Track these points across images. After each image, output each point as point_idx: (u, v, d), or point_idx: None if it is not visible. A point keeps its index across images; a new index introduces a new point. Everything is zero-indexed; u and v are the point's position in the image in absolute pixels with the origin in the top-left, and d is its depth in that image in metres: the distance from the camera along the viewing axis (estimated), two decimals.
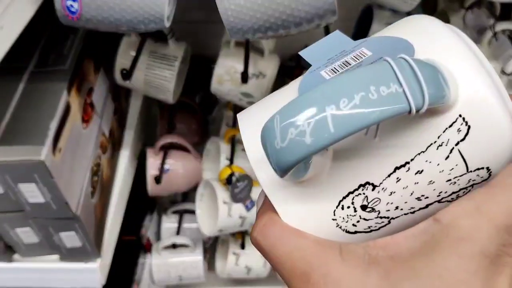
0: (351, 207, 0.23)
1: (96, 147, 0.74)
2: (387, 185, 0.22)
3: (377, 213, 0.23)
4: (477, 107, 0.21)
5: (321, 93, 0.20)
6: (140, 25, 0.54)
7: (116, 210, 0.80)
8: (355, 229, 0.23)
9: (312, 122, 0.19)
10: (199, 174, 0.91)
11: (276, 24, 0.50)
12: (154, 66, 0.74)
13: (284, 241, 0.22)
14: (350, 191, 0.23)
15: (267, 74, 0.72)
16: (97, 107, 0.75)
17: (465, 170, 0.22)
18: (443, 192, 0.23)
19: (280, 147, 0.20)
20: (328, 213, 0.23)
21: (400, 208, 0.23)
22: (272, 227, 0.22)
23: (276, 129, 0.20)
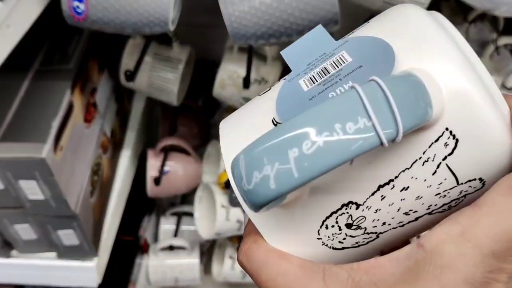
0: (336, 226, 0.22)
1: (97, 147, 0.74)
2: (371, 203, 0.22)
3: (363, 230, 0.22)
4: (465, 117, 0.20)
5: (283, 135, 0.19)
6: (145, 28, 0.55)
7: (115, 210, 0.81)
8: (342, 245, 0.23)
9: (274, 168, 0.18)
10: (198, 176, 0.91)
11: (279, 31, 0.51)
12: (158, 68, 0.75)
13: (269, 265, 0.22)
14: (333, 211, 0.22)
15: (269, 80, 0.73)
16: (100, 107, 0.76)
17: (455, 183, 0.21)
18: (433, 205, 0.22)
19: (247, 189, 0.19)
20: (313, 233, 0.22)
21: (388, 223, 0.22)
22: (256, 251, 0.22)
23: (242, 171, 0.19)
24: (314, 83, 0.22)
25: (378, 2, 0.57)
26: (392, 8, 0.25)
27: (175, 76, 0.74)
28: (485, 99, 0.20)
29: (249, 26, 0.50)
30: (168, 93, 0.76)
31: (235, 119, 0.26)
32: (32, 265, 0.73)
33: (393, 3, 0.57)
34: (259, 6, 0.48)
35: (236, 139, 0.23)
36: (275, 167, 0.18)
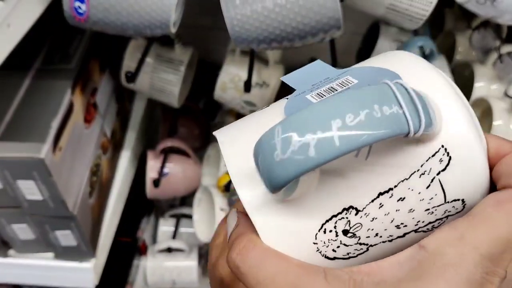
0: (333, 231, 0.22)
1: (97, 148, 0.74)
2: (370, 210, 0.22)
3: (357, 239, 0.23)
4: (458, 141, 0.22)
5: (327, 107, 0.19)
6: (146, 30, 0.55)
7: (114, 211, 0.80)
8: (334, 255, 0.23)
9: (317, 135, 0.19)
10: (198, 179, 0.91)
11: (281, 36, 0.51)
12: (159, 70, 0.74)
13: (267, 264, 0.21)
14: (334, 215, 0.22)
15: (270, 84, 0.72)
16: (100, 107, 0.75)
17: (443, 200, 0.23)
18: (421, 221, 0.23)
19: (280, 159, 0.19)
20: (310, 237, 0.22)
21: (380, 235, 0.23)
22: (252, 250, 0.22)
23: (277, 140, 0.19)
24: (322, 97, 0.23)
25: (381, 8, 0.56)
26: (390, 52, 0.26)
27: (177, 78, 0.74)
28: (475, 134, 0.23)
29: (251, 30, 0.50)
30: (169, 94, 0.75)
31: (235, 129, 0.25)
32: (29, 265, 0.73)
33: (397, 10, 0.56)
34: (262, 11, 0.48)
35: (241, 147, 0.23)
36: (316, 135, 0.19)
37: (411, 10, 0.54)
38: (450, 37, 0.83)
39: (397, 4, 0.55)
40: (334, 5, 0.48)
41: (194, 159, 0.90)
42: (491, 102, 0.65)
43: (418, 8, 0.55)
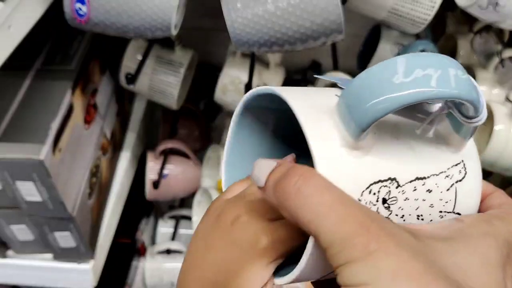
0: (376, 194, 0.23)
1: (97, 149, 0.74)
2: (406, 189, 0.23)
3: (389, 213, 0.23)
4: (473, 162, 0.25)
5: (437, 58, 0.21)
6: (147, 32, 0.54)
7: (113, 212, 0.80)
8: None
9: (439, 71, 0.20)
10: (198, 180, 0.91)
11: (282, 39, 0.51)
12: (159, 72, 0.74)
13: (331, 189, 0.20)
14: (381, 179, 0.23)
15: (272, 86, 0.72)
16: (100, 108, 0.75)
17: (452, 208, 0.24)
18: (433, 221, 0.24)
19: (400, 82, 0.20)
20: (358, 192, 0.22)
21: (404, 219, 0.24)
22: (315, 175, 0.20)
23: (400, 65, 0.20)
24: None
25: (382, 12, 0.56)
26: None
27: (176, 80, 0.74)
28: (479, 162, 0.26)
29: (252, 34, 0.49)
30: (168, 96, 0.75)
31: (292, 90, 0.25)
32: (28, 265, 0.72)
33: (399, 14, 0.56)
34: (263, 14, 0.48)
35: (310, 102, 0.24)
36: (437, 72, 0.20)
37: (413, 14, 0.54)
38: (451, 41, 0.83)
39: (399, 8, 0.54)
40: (335, 9, 0.47)
41: (194, 160, 0.89)
42: (492, 107, 0.65)
43: (420, 12, 0.54)
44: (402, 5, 0.54)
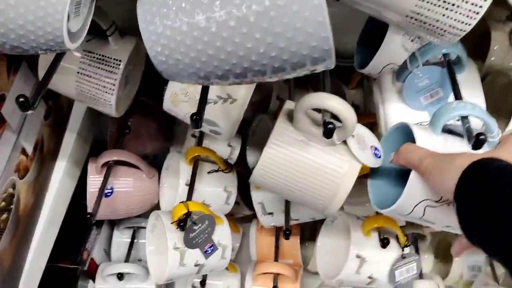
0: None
1: (7, 175, 0.56)
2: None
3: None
4: None
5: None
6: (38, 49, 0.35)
7: (42, 242, 0.64)
8: None
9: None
10: (154, 195, 0.74)
11: (238, 67, 0.31)
12: (88, 71, 0.55)
13: (421, 149, 0.44)
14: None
15: (238, 99, 0.53)
16: (12, 119, 0.56)
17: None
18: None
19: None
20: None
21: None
22: (416, 146, 0.45)
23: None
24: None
25: (397, 15, 0.36)
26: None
27: (112, 81, 0.55)
28: None
29: (177, 59, 0.30)
30: (103, 103, 0.56)
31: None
32: None
33: (422, 20, 0.36)
34: (188, 30, 0.28)
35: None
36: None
37: (444, 22, 0.35)
38: (482, 26, 0.63)
39: (424, 12, 0.35)
40: (321, 31, 0.28)
41: (147, 172, 0.72)
42: None
43: (455, 20, 0.35)
44: (428, 7, 0.34)
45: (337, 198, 0.49)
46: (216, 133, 0.56)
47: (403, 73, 0.53)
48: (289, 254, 0.87)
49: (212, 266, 0.66)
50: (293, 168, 0.48)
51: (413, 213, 0.45)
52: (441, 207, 0.45)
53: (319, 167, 0.47)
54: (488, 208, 0.35)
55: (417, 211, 0.45)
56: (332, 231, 0.70)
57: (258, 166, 0.49)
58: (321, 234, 0.71)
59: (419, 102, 0.52)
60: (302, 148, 0.47)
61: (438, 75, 0.51)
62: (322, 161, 0.47)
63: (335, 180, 0.47)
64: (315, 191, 0.48)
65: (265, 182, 0.50)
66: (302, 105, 0.45)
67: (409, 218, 0.47)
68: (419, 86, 0.52)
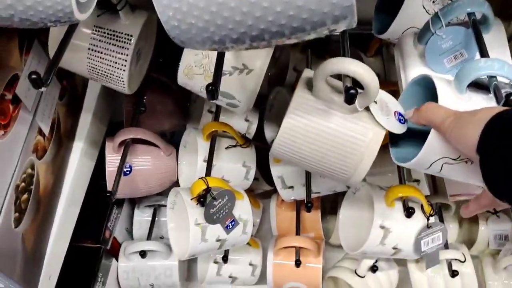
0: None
1: (26, 155, 0.56)
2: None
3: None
4: None
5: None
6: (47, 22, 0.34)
7: (64, 222, 0.64)
8: None
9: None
10: (173, 172, 0.73)
11: (255, 29, 0.30)
12: (100, 47, 0.54)
13: (444, 107, 0.43)
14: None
15: (254, 69, 0.51)
16: (27, 100, 0.56)
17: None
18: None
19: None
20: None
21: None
22: (437, 104, 0.44)
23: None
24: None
25: None
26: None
27: (124, 57, 0.54)
28: None
29: (189, 23, 0.29)
30: (116, 80, 0.55)
31: None
32: None
33: None
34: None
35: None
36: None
37: None
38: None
39: None
40: None
41: (165, 149, 0.71)
42: None
43: None
44: None
45: (361, 167, 0.47)
46: (233, 106, 0.55)
47: (425, 36, 0.51)
48: (310, 227, 0.86)
49: (233, 241, 0.65)
50: (314, 138, 0.46)
51: (430, 169, 0.46)
52: (458, 164, 0.44)
53: (341, 136, 0.46)
54: None
55: (434, 167, 0.45)
56: (354, 203, 0.68)
57: (278, 138, 0.47)
58: (343, 206, 0.70)
59: (442, 65, 0.50)
60: (323, 117, 0.45)
61: (462, 36, 0.49)
62: (345, 129, 0.45)
63: (359, 148, 0.46)
64: (338, 161, 0.47)
65: (286, 154, 0.48)
66: (322, 71, 0.43)
67: (427, 171, 0.47)
68: (442, 48, 0.49)
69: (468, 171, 0.45)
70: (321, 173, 0.49)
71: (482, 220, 0.84)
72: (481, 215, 0.85)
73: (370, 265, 0.76)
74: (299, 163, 0.49)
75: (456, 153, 0.44)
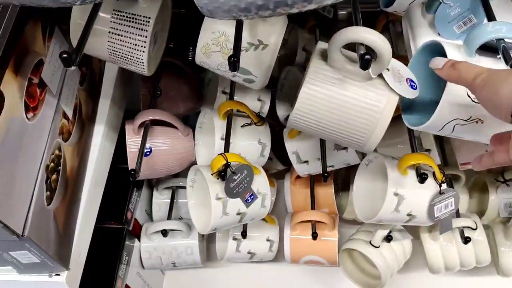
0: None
1: (53, 137, 0.58)
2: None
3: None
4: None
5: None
6: None
7: (90, 202, 0.67)
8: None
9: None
10: (191, 152, 0.75)
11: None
12: (119, 30, 0.56)
13: (468, 63, 0.44)
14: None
15: (269, 44, 0.54)
16: (51, 84, 0.58)
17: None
18: None
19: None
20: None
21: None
22: (462, 61, 0.45)
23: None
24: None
25: None
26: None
27: (143, 39, 0.56)
28: None
29: None
30: (135, 61, 0.58)
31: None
32: None
33: None
34: None
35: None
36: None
37: None
38: None
39: None
40: None
41: (182, 130, 0.73)
42: None
43: None
44: None
45: (376, 133, 0.49)
46: (250, 82, 0.57)
47: (433, 5, 0.53)
48: (324, 203, 0.88)
49: (253, 214, 0.68)
50: (331, 106, 0.48)
51: (443, 130, 0.48)
52: (469, 125, 0.46)
53: (357, 103, 0.48)
54: None
55: (447, 128, 0.48)
56: (368, 175, 0.71)
57: (296, 108, 0.50)
58: (356, 178, 0.72)
59: (452, 32, 0.52)
60: (338, 85, 0.48)
61: (469, 1, 0.51)
62: (360, 96, 0.48)
63: (374, 114, 0.48)
64: (354, 127, 0.49)
65: (303, 124, 0.51)
66: (337, 41, 0.45)
67: (440, 133, 0.50)
68: (451, 15, 0.51)
69: (478, 130, 0.47)
70: (338, 140, 0.51)
71: (492, 189, 0.87)
72: (491, 184, 0.87)
73: (385, 235, 0.78)
74: (316, 132, 0.51)
75: (467, 114, 0.46)
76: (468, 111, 0.46)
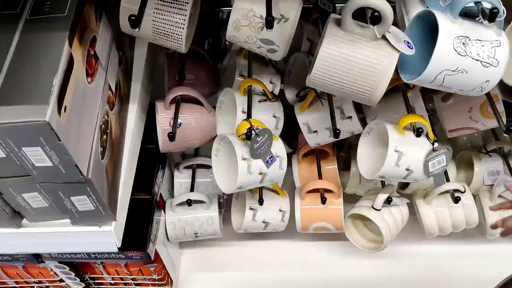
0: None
1: (104, 103, 0.68)
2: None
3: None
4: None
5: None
6: None
7: (128, 168, 0.75)
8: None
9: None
10: (213, 128, 0.85)
11: None
12: (163, 11, 0.66)
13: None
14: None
15: (290, 17, 0.65)
16: (102, 58, 0.68)
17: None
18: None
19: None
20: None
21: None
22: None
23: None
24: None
25: None
26: None
27: (183, 18, 0.66)
28: None
29: None
30: (175, 38, 0.68)
31: None
32: (45, 233, 0.68)
33: None
34: None
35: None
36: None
37: None
38: None
39: None
40: None
41: (207, 107, 0.83)
42: None
43: None
44: None
45: (381, 85, 0.60)
46: (273, 51, 0.68)
47: None
48: (329, 178, 0.98)
49: (272, 175, 0.77)
50: (344, 62, 0.59)
51: (435, 82, 0.59)
52: (457, 75, 0.57)
53: (366, 58, 0.59)
54: None
55: (438, 79, 0.58)
56: (370, 140, 0.81)
57: (315, 67, 0.60)
58: (360, 144, 0.82)
59: (438, 5, 0.64)
60: (351, 45, 0.59)
61: None
62: (369, 53, 0.59)
63: (380, 68, 0.59)
64: (363, 80, 0.60)
65: (321, 80, 0.61)
66: (350, 5, 0.56)
67: (432, 85, 0.60)
68: None
69: (463, 79, 0.58)
70: (348, 93, 0.62)
71: (476, 161, 0.98)
72: (475, 156, 0.98)
73: (385, 198, 0.88)
74: (331, 87, 0.62)
75: (454, 65, 0.57)
76: (455, 63, 0.57)
